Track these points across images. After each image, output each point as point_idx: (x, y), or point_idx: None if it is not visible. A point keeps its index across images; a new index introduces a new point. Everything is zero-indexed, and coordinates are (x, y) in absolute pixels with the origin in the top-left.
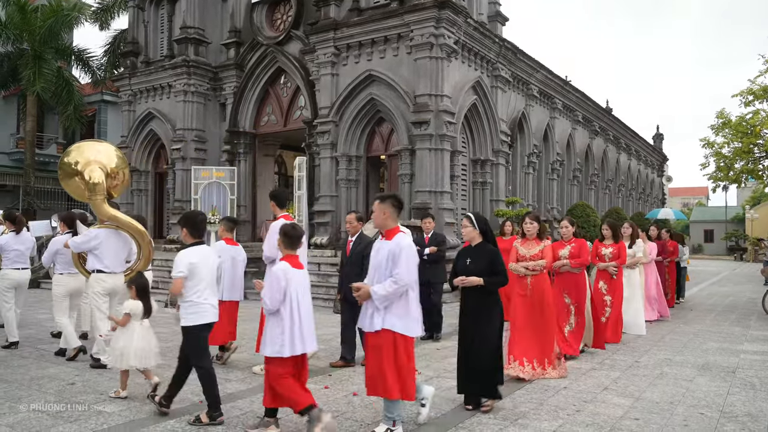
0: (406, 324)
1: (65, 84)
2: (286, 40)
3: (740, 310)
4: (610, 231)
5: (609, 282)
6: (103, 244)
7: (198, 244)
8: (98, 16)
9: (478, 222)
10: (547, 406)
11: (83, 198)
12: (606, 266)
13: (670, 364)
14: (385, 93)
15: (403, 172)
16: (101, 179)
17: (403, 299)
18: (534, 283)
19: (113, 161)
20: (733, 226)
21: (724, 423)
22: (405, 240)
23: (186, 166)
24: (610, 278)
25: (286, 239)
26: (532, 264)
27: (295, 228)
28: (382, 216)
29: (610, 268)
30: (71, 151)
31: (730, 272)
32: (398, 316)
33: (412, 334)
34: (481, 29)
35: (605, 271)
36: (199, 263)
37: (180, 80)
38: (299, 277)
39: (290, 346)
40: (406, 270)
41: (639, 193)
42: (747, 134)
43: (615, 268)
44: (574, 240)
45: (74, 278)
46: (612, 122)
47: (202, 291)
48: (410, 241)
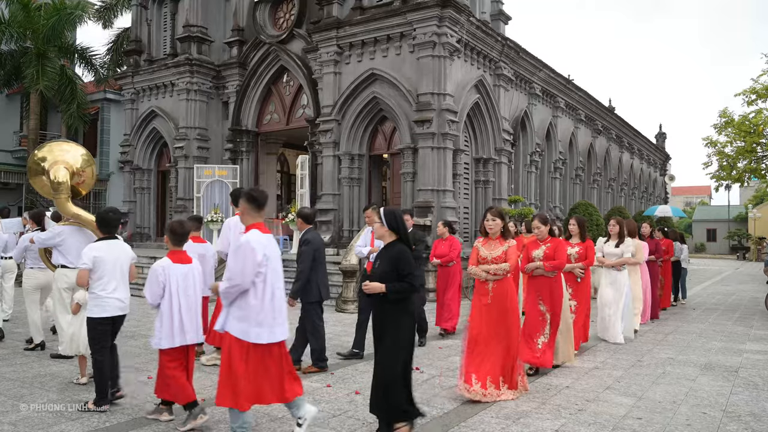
0: (243, 328)
1: (68, 82)
2: (288, 39)
3: (743, 310)
4: (576, 227)
5: (574, 285)
6: (67, 241)
7: (108, 239)
8: (101, 15)
9: (386, 218)
10: (550, 405)
11: (49, 195)
12: (572, 268)
13: (672, 363)
14: (387, 92)
15: (405, 170)
16: (66, 178)
17: (243, 300)
18: (496, 289)
19: (78, 161)
20: (736, 226)
21: (727, 423)
22: (246, 237)
23: (188, 164)
24: (575, 281)
25: (173, 236)
26: (494, 267)
27: (183, 225)
28: (240, 212)
29: (575, 270)
30: (40, 151)
31: (732, 271)
32: (237, 318)
33: (252, 339)
34: (483, 28)
35: (571, 273)
36: (104, 257)
37: (183, 78)
38: (181, 272)
39: (168, 339)
40: (237, 269)
41: (641, 192)
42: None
43: (581, 270)
44: (549, 240)
45: (44, 273)
46: (614, 121)
47: (106, 284)
48: (255, 238)
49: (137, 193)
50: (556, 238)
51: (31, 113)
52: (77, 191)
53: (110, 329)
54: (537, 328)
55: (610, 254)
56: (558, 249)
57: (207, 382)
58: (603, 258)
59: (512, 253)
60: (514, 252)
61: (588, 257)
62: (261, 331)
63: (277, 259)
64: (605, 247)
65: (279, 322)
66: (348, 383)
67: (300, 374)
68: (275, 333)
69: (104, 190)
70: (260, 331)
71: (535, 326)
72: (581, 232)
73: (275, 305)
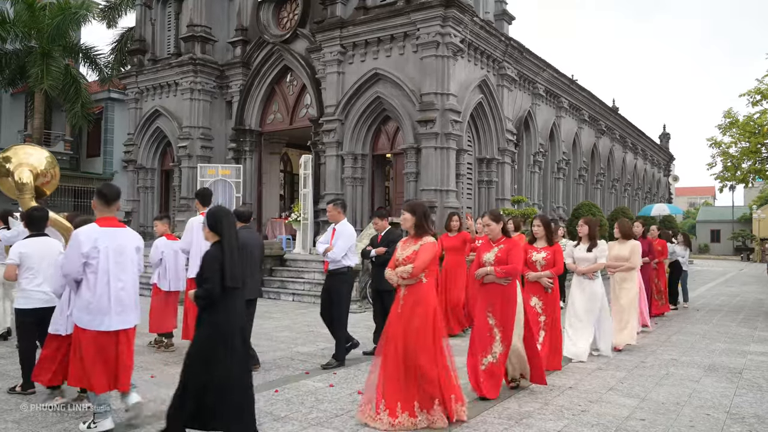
0: (79, 315)
1: (72, 82)
2: (292, 39)
3: (747, 311)
4: (542, 229)
5: (543, 297)
6: None
7: (36, 236)
8: (106, 14)
9: (208, 219)
10: (553, 406)
11: (14, 196)
12: (538, 276)
13: (676, 364)
14: (391, 91)
15: (408, 170)
16: (29, 180)
17: (79, 290)
18: (407, 296)
19: (42, 163)
20: (740, 226)
21: (731, 424)
22: (77, 230)
23: (192, 163)
24: (544, 292)
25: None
26: (400, 270)
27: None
28: (93, 207)
29: (543, 280)
30: (6, 153)
31: (737, 272)
32: (77, 307)
33: (84, 326)
34: (487, 28)
35: (537, 283)
36: (31, 253)
37: (186, 78)
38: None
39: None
40: (66, 259)
41: (645, 193)
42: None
43: (549, 279)
44: (503, 241)
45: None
46: (618, 121)
47: (32, 279)
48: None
49: (141, 192)
50: (512, 239)
51: (36, 112)
52: (41, 191)
53: (36, 320)
54: (483, 346)
55: (582, 260)
56: (512, 252)
57: None
58: (574, 264)
59: (423, 252)
60: (425, 251)
61: (557, 264)
62: (92, 319)
63: (121, 252)
64: (576, 252)
65: (117, 312)
66: (351, 383)
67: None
68: (107, 322)
69: None
70: (91, 319)
71: (481, 343)
72: (548, 234)
73: (111, 296)
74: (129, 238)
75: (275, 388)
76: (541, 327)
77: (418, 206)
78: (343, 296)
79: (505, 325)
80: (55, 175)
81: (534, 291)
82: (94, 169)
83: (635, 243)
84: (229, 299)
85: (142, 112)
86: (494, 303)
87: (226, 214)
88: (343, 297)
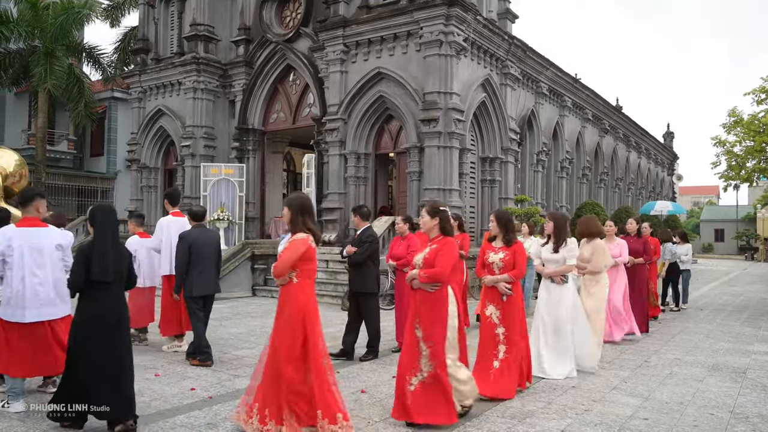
0: (3, 310)
1: (76, 81)
2: (295, 38)
3: (751, 310)
4: (496, 225)
5: (501, 306)
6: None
7: None
8: (109, 14)
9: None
10: (556, 405)
11: None
12: (494, 281)
13: (680, 364)
14: (394, 90)
15: (411, 169)
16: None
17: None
18: (279, 297)
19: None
20: (744, 226)
21: (735, 424)
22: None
23: (195, 162)
24: (500, 300)
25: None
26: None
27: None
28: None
29: (500, 285)
30: None
31: (740, 272)
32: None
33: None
34: (490, 27)
35: (494, 288)
36: None
37: (190, 77)
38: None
39: None
40: None
41: (649, 192)
42: (759, 133)
43: (508, 284)
44: (438, 240)
45: None
46: (622, 120)
47: None
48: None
49: (144, 192)
50: (447, 237)
51: (39, 112)
52: (11, 191)
53: None
54: (411, 363)
55: (549, 261)
56: (441, 252)
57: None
58: (541, 266)
59: (286, 251)
60: (287, 249)
61: (517, 266)
62: (12, 312)
63: (39, 250)
64: (543, 252)
65: (34, 305)
66: (353, 381)
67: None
68: (23, 314)
69: (111, 188)
70: (12, 312)
71: (410, 360)
72: (505, 232)
73: (27, 291)
74: (49, 237)
75: None
76: (500, 341)
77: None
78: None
79: (433, 339)
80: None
81: (491, 298)
82: (97, 168)
83: (598, 242)
84: (99, 290)
85: (146, 111)
86: (421, 313)
87: (103, 212)
88: None
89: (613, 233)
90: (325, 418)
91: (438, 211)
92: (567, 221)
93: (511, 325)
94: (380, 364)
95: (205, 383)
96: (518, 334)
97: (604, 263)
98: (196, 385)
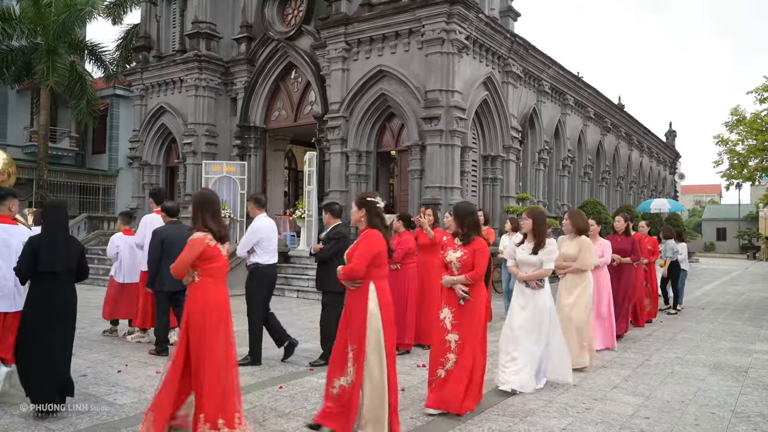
0: None
1: (78, 78)
2: (297, 35)
3: (753, 309)
4: (453, 219)
5: (457, 310)
6: None
7: None
8: (111, 11)
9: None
10: (557, 403)
11: None
12: (451, 282)
13: (681, 363)
14: (395, 88)
15: (413, 167)
16: None
17: None
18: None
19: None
20: (746, 225)
21: (736, 423)
22: None
23: (197, 160)
24: (457, 304)
25: None
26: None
27: None
28: None
29: (456, 287)
30: None
31: (742, 271)
32: None
33: None
34: (492, 24)
35: (451, 290)
36: None
37: (191, 75)
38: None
39: None
40: None
41: (651, 191)
42: (762, 131)
43: (464, 287)
44: (363, 233)
45: None
46: (624, 119)
47: None
48: None
49: (146, 189)
50: (372, 230)
51: (42, 109)
52: None
53: None
54: (337, 366)
55: (524, 263)
56: (359, 247)
57: None
58: (515, 268)
59: (184, 250)
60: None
61: (476, 266)
62: None
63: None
64: (518, 253)
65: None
66: None
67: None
68: None
69: (113, 185)
70: None
71: (338, 360)
72: (463, 228)
73: None
74: (19, 234)
75: (279, 385)
76: (450, 348)
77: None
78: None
79: (355, 341)
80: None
81: (448, 300)
82: (99, 165)
83: (585, 239)
84: (45, 280)
85: (147, 108)
86: (346, 314)
87: (54, 207)
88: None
89: (596, 232)
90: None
91: (365, 202)
92: (545, 219)
93: (466, 334)
94: None
95: None
96: (474, 344)
97: (591, 261)
98: None
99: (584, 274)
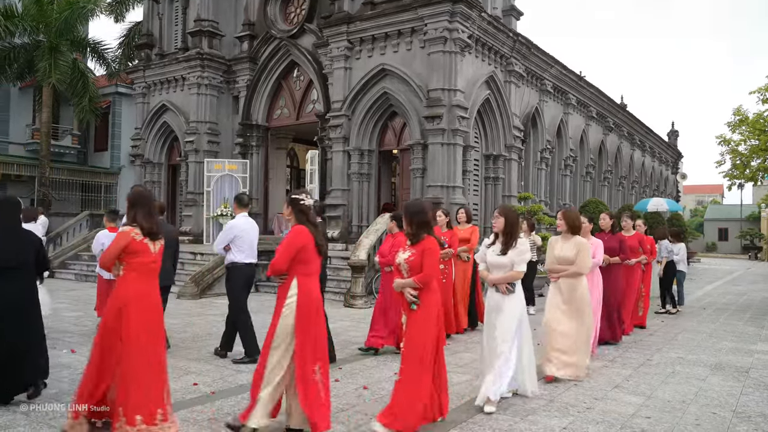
0: None
1: (80, 76)
2: (299, 34)
3: (754, 310)
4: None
5: (409, 315)
6: None
7: None
8: (113, 9)
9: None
10: (558, 402)
11: None
12: (401, 285)
13: (682, 362)
14: (398, 87)
15: (415, 166)
16: None
17: None
18: None
19: None
20: (748, 225)
21: (737, 423)
22: None
23: (199, 158)
24: (408, 309)
25: None
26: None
27: None
28: None
29: (405, 291)
30: None
31: (744, 271)
32: None
33: None
34: (495, 23)
35: (401, 295)
36: None
37: (194, 73)
38: None
39: None
40: None
41: (653, 191)
42: (764, 131)
43: (413, 291)
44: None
45: None
46: (626, 118)
47: None
48: None
49: (148, 187)
50: (300, 225)
51: (44, 106)
52: None
53: None
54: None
55: (495, 266)
56: (282, 242)
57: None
58: (485, 272)
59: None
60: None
61: (425, 268)
62: None
63: None
64: (488, 255)
65: None
66: (356, 378)
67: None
68: None
69: (115, 183)
70: None
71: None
72: (413, 227)
73: None
74: None
75: None
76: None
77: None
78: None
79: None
80: None
81: (404, 306)
82: (101, 163)
83: (581, 239)
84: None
85: (150, 106)
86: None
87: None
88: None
89: (588, 231)
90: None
91: (291, 200)
92: (518, 218)
93: (410, 343)
94: (381, 361)
95: (207, 379)
96: (419, 354)
97: (589, 264)
98: (199, 380)
99: (581, 277)
